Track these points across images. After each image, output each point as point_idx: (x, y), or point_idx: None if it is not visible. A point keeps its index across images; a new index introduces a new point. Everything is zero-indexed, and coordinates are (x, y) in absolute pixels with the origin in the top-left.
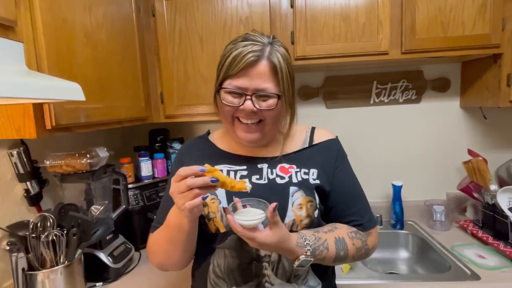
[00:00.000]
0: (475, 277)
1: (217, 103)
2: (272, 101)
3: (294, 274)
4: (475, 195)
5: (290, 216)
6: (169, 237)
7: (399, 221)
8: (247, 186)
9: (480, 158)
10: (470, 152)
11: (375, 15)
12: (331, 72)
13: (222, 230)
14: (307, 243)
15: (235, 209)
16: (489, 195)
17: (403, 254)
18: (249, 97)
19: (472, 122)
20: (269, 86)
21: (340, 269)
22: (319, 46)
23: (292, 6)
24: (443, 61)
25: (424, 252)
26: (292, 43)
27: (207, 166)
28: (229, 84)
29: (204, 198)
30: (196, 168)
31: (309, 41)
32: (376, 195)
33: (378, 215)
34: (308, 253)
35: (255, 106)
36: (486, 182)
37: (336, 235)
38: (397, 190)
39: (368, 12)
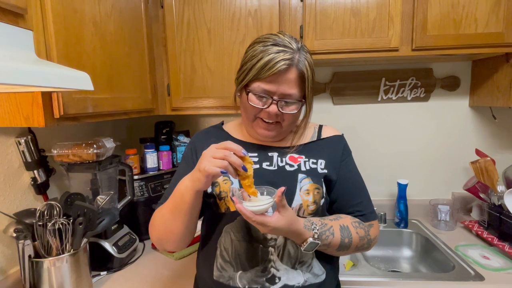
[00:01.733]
0: (479, 277)
1: (240, 99)
2: (294, 106)
3: (299, 261)
4: (482, 195)
5: (297, 200)
6: (171, 206)
7: (403, 220)
8: (257, 194)
9: (488, 159)
10: (478, 152)
11: (386, 11)
12: (339, 68)
13: (233, 208)
14: (314, 227)
15: (241, 198)
16: (496, 196)
17: (406, 252)
18: (275, 101)
19: (481, 122)
20: (294, 92)
21: (343, 266)
22: (328, 41)
23: (301, 0)
24: (453, 59)
25: (428, 251)
26: (301, 37)
27: (246, 152)
28: (257, 86)
29: (223, 173)
30: (240, 148)
31: (318, 36)
32: (381, 193)
33: (382, 213)
34: (316, 236)
35: (279, 110)
36: (494, 182)
37: (341, 223)
38: (402, 188)
39: (379, 8)
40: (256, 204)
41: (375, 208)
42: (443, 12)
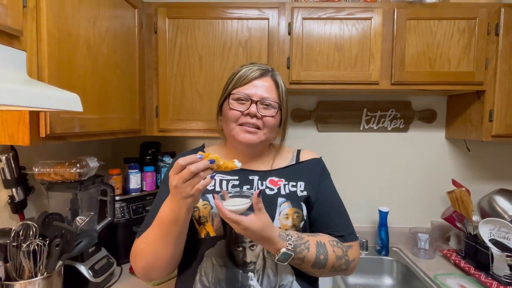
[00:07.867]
0: None
1: (221, 114)
2: (272, 111)
3: (279, 284)
4: (458, 224)
5: (276, 225)
6: (161, 233)
7: (384, 247)
8: (236, 165)
9: (464, 189)
10: (454, 182)
11: (367, 47)
12: (323, 97)
13: (212, 234)
14: (289, 238)
15: (223, 199)
16: (471, 225)
17: (387, 281)
18: (254, 102)
19: (456, 153)
20: (271, 96)
21: None
22: (313, 72)
23: (289, 34)
24: (430, 94)
25: (408, 279)
26: (288, 67)
27: (201, 153)
28: (237, 92)
29: (212, 177)
30: (194, 157)
31: (304, 67)
32: (362, 219)
33: (364, 240)
34: (290, 247)
35: (258, 112)
36: (469, 212)
37: (318, 239)
38: (383, 216)
39: (361, 44)
40: (233, 204)
41: (357, 234)
42: (419, 51)
